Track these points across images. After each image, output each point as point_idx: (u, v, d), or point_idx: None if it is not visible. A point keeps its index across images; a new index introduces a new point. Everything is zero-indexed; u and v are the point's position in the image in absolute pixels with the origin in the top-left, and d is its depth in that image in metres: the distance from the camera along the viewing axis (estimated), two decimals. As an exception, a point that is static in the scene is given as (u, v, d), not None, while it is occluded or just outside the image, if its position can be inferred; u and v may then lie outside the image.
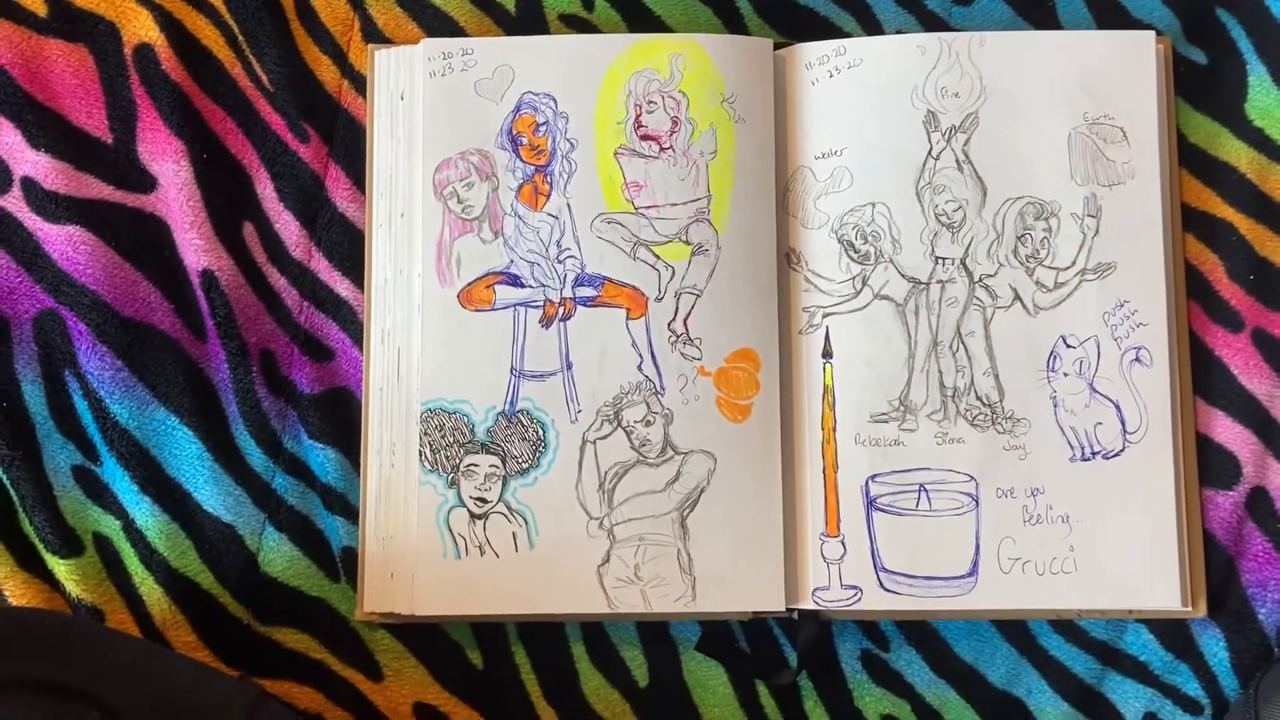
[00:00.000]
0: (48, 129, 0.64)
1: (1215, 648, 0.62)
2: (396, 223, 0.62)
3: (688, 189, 0.62)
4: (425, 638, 0.62)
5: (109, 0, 0.65)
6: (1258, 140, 0.65)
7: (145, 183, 0.64)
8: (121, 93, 0.64)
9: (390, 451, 0.61)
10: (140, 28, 0.65)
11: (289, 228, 0.64)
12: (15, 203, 0.63)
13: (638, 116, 0.62)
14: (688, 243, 0.62)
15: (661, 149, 0.62)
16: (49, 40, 0.64)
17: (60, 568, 0.61)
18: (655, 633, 0.62)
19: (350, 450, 0.62)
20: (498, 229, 0.62)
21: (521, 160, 0.62)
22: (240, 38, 0.65)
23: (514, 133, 0.62)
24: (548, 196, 0.62)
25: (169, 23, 0.65)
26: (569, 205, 0.62)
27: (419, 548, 0.60)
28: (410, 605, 0.60)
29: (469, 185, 0.62)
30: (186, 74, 0.65)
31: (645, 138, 0.62)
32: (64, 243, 0.63)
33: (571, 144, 0.62)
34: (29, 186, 0.63)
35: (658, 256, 0.62)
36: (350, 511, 0.62)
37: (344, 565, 0.62)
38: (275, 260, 0.64)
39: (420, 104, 0.62)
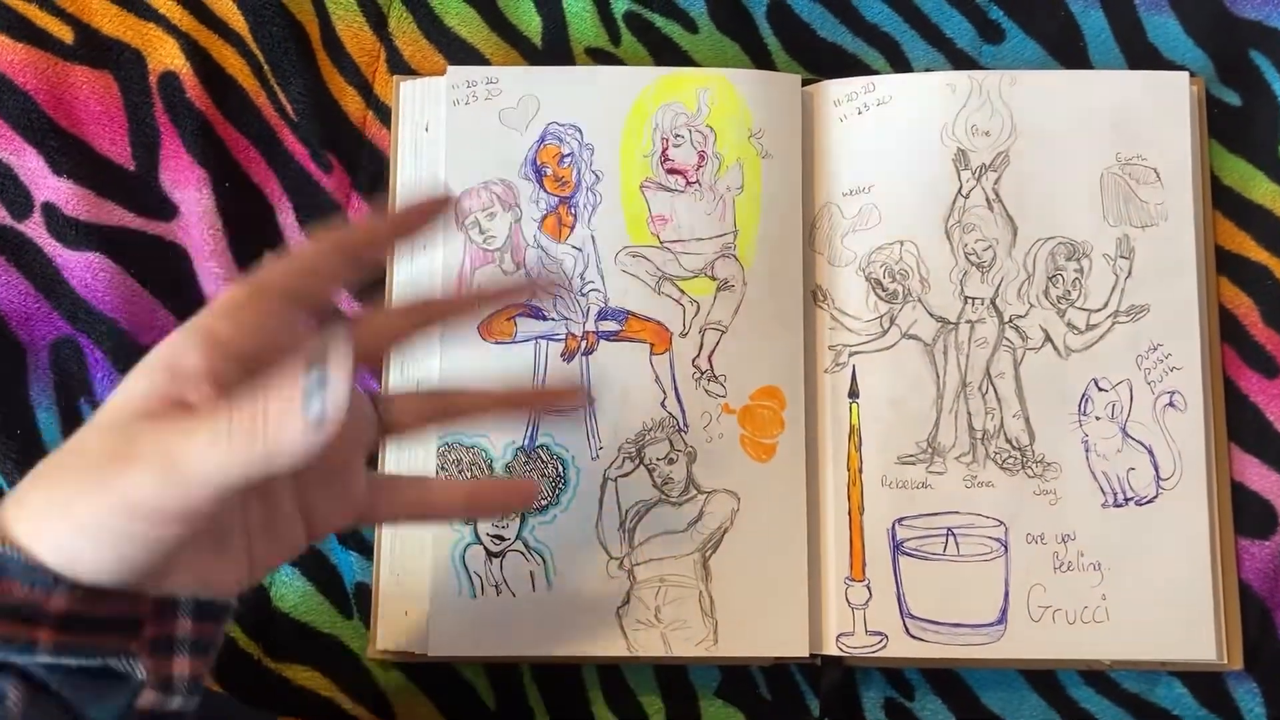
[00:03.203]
0: (70, 155, 0.63)
1: (1251, 702, 0.60)
2: (418, 254, 0.62)
3: (714, 224, 0.61)
4: (439, 678, 0.61)
5: (135, 28, 0.65)
6: (1293, 184, 0.64)
7: (166, 211, 0.64)
8: (145, 120, 0.64)
9: (407, 486, 0.60)
10: (166, 56, 0.64)
11: (310, 258, 0.64)
12: (35, 228, 0.63)
13: (664, 150, 0.62)
14: (713, 278, 0.61)
15: (688, 183, 0.62)
16: (74, 67, 0.64)
17: (69, 599, 0.60)
18: (674, 678, 0.61)
19: (366, 484, 0.61)
20: (520, 260, 0.61)
21: (545, 191, 0.61)
22: (265, 67, 0.65)
23: (538, 163, 0.62)
24: (571, 228, 0.61)
25: (195, 51, 0.64)
26: (593, 238, 0.61)
27: (434, 585, 0.59)
28: (424, 644, 0.58)
29: (491, 215, 0.61)
30: (211, 102, 0.64)
31: (672, 171, 0.62)
32: (83, 269, 0.62)
33: (597, 176, 0.61)
34: (50, 212, 0.63)
35: (683, 291, 0.61)
36: (365, 547, 0.61)
37: (357, 602, 0.61)
38: (295, 290, 0.63)
39: (443, 132, 0.62)
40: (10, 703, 0.37)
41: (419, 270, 0.62)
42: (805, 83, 0.63)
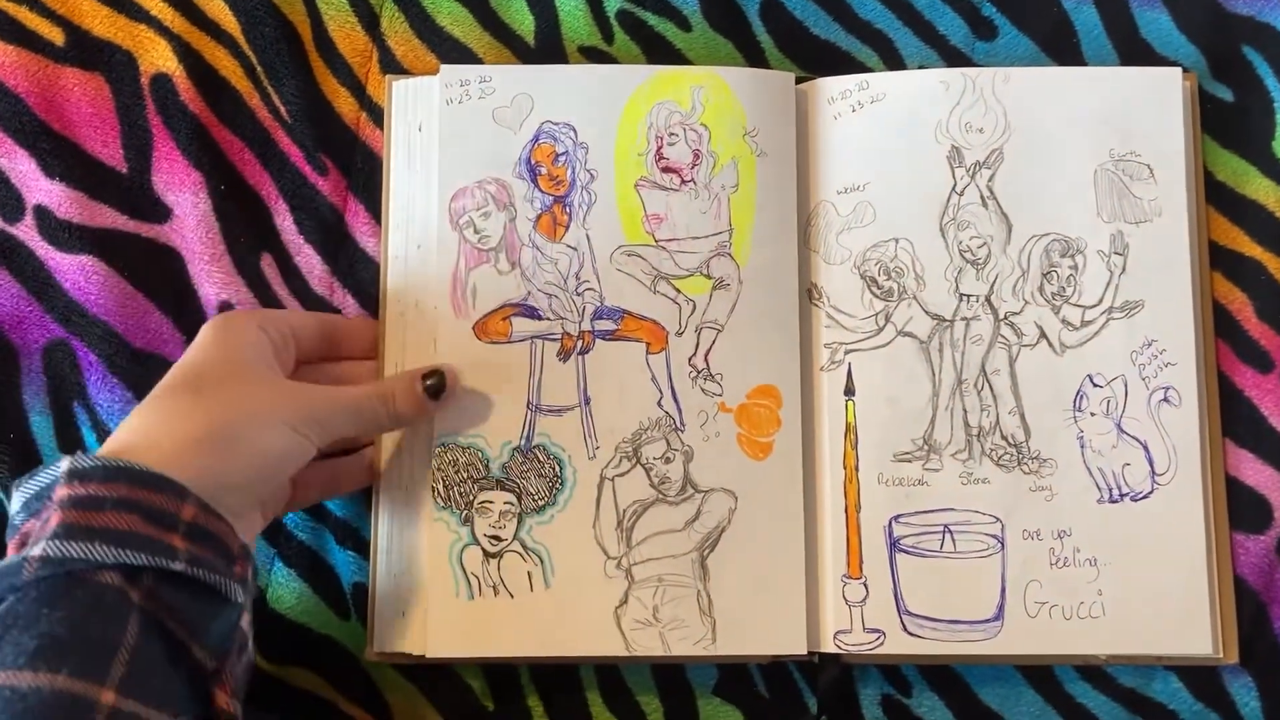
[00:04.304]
0: (62, 158, 0.63)
1: (1246, 696, 0.60)
2: (413, 254, 0.62)
3: (709, 222, 0.61)
4: (436, 679, 0.61)
5: (127, 30, 0.65)
6: (1286, 179, 0.64)
7: (159, 213, 0.63)
8: (137, 123, 0.64)
9: (404, 487, 0.60)
10: (158, 58, 0.64)
11: (310, 261, 0.63)
12: (27, 231, 0.63)
13: (659, 149, 0.62)
14: (709, 276, 0.61)
15: (683, 182, 0.61)
16: (66, 69, 0.64)
17: (65, 603, 0.60)
18: (671, 677, 0.61)
19: (363, 485, 0.61)
20: (515, 260, 0.61)
21: (540, 190, 0.61)
22: (259, 69, 0.65)
23: (533, 162, 0.61)
24: (566, 228, 0.61)
25: (187, 53, 0.64)
26: (588, 237, 0.61)
27: (431, 586, 0.59)
28: (421, 646, 0.58)
29: (486, 215, 0.61)
30: (204, 104, 0.64)
31: (666, 170, 0.61)
32: (76, 272, 0.62)
33: (591, 175, 0.61)
34: (42, 215, 0.63)
35: (678, 290, 0.61)
36: (361, 548, 0.61)
37: (354, 603, 0.61)
38: (297, 293, 0.63)
39: (437, 132, 0.62)
40: (129, 635, 0.44)
41: (414, 271, 0.61)
42: (799, 80, 0.63)
